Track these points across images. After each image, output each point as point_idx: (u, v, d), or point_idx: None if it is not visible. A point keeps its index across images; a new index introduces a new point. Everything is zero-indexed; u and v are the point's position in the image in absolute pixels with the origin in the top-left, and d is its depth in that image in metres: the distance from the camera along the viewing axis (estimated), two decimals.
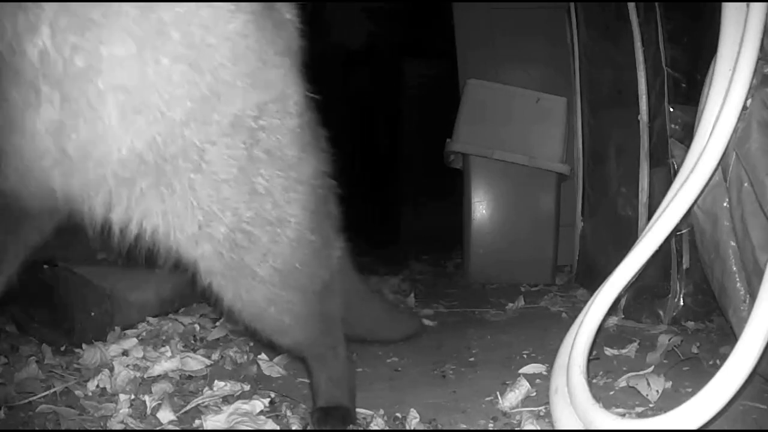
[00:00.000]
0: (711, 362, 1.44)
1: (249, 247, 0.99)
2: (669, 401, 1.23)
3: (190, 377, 1.46)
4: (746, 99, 1.23)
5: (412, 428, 1.21)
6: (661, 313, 1.79)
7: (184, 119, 0.89)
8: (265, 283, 1.03)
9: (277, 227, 1.01)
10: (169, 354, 1.52)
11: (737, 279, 1.34)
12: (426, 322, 2.11)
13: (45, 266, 1.64)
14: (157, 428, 1.20)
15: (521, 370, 1.48)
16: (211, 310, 1.80)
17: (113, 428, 1.19)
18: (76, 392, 1.34)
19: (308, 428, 1.20)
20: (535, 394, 1.33)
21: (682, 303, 1.75)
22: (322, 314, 1.16)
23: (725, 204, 1.35)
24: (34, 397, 1.29)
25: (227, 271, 1.00)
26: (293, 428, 1.21)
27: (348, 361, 1.27)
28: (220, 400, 1.32)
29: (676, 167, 1.62)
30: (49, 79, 0.83)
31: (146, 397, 1.29)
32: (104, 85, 0.85)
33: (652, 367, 1.41)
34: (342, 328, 1.25)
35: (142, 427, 1.20)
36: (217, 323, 1.78)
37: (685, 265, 1.71)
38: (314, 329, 1.15)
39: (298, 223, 1.04)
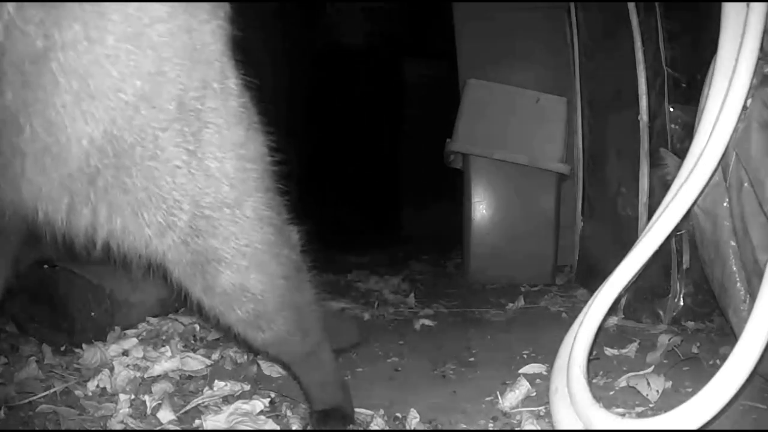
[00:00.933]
0: (711, 362, 1.44)
1: (211, 232, 0.99)
2: (669, 401, 1.23)
3: (190, 377, 1.46)
4: (746, 99, 1.23)
5: (412, 428, 1.21)
6: (661, 313, 1.79)
7: (134, 101, 0.89)
8: (231, 267, 1.02)
9: (236, 208, 1.01)
10: (169, 354, 1.52)
11: (737, 279, 1.34)
12: (426, 322, 2.11)
13: (45, 266, 1.64)
14: (157, 428, 1.20)
15: (521, 370, 1.48)
16: None
17: (113, 428, 1.19)
18: (76, 392, 1.34)
19: (308, 428, 1.20)
20: (535, 394, 1.33)
21: (682, 303, 1.75)
22: (295, 305, 1.13)
23: (725, 204, 1.35)
24: (34, 397, 1.29)
25: (193, 259, 1.00)
26: (293, 428, 1.21)
27: (333, 359, 1.26)
28: (220, 400, 1.32)
29: (669, 177, 1.61)
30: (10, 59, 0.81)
31: (146, 397, 1.29)
32: (58, 69, 0.84)
33: (652, 367, 1.41)
34: (322, 326, 1.22)
35: (142, 427, 1.20)
36: None
37: (685, 265, 1.71)
38: (289, 322, 1.12)
39: (255, 202, 1.03)
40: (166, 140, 0.93)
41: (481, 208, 2.94)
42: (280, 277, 1.08)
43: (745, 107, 1.23)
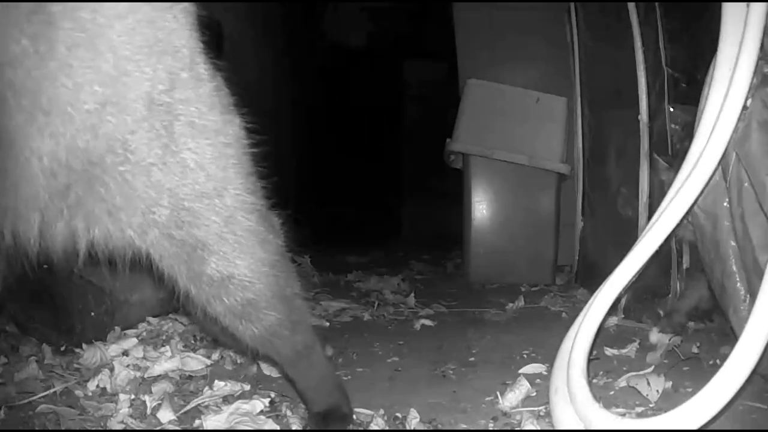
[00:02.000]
0: (711, 362, 1.44)
1: (194, 222, 0.98)
2: (669, 401, 1.23)
3: (190, 377, 1.46)
4: (746, 99, 1.23)
5: (412, 428, 1.21)
6: (661, 313, 1.79)
7: (97, 109, 0.86)
8: (217, 255, 1.00)
9: (217, 197, 0.99)
10: (169, 354, 1.52)
11: (737, 279, 1.34)
12: (426, 322, 2.11)
13: (45, 266, 1.64)
14: (157, 428, 1.20)
15: (521, 370, 1.48)
16: None
17: (113, 428, 1.19)
18: (76, 392, 1.34)
19: (308, 428, 1.20)
20: (535, 394, 1.33)
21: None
22: (283, 296, 1.10)
23: (725, 204, 1.35)
24: (34, 397, 1.29)
25: (178, 250, 0.98)
26: (293, 428, 1.21)
27: (327, 359, 1.24)
28: (220, 400, 1.32)
29: (665, 188, 1.62)
30: None
31: (146, 397, 1.29)
32: (4, 88, 0.81)
33: (652, 367, 1.41)
34: (311, 324, 1.20)
35: (142, 427, 1.20)
36: None
37: (685, 265, 1.71)
38: (279, 315, 1.09)
39: (236, 188, 1.02)
40: (136, 141, 0.91)
41: (481, 208, 2.94)
42: (266, 264, 1.06)
43: (745, 107, 1.23)
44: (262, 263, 1.05)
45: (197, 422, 1.21)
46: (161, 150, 0.93)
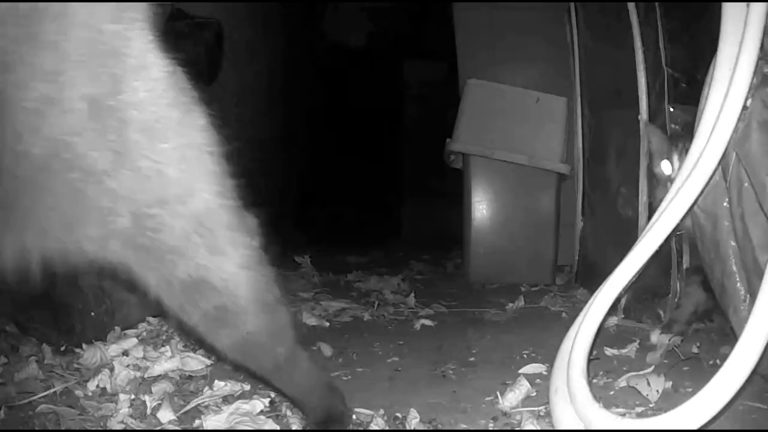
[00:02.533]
0: (711, 362, 1.44)
1: (159, 228, 0.91)
2: (669, 401, 1.23)
3: (190, 377, 1.46)
4: (746, 99, 1.23)
5: (412, 428, 1.21)
6: (661, 313, 1.79)
7: (35, 107, 0.80)
8: (187, 258, 0.94)
9: (180, 202, 0.93)
10: (169, 354, 1.52)
11: (737, 279, 1.34)
12: (426, 322, 2.11)
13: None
14: (157, 428, 1.20)
15: (521, 370, 1.48)
16: None
17: (113, 428, 1.19)
18: (76, 392, 1.34)
19: (308, 428, 1.20)
20: (535, 394, 1.33)
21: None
22: (262, 302, 1.03)
23: (725, 204, 1.35)
24: (34, 397, 1.29)
25: (145, 258, 0.92)
26: (293, 428, 1.21)
27: (312, 363, 1.17)
28: (220, 400, 1.32)
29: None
30: None
31: (146, 397, 1.29)
32: None
33: (652, 367, 1.41)
34: (294, 331, 1.12)
35: (142, 427, 1.20)
36: None
37: (685, 265, 1.71)
38: (257, 321, 1.02)
39: (203, 189, 0.95)
40: (83, 146, 0.84)
41: (481, 208, 2.94)
42: (241, 266, 1.00)
43: (745, 107, 1.23)
44: (237, 266, 0.99)
45: (197, 422, 1.21)
46: (114, 157, 0.86)
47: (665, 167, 1.65)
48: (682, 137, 1.63)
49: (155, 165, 0.90)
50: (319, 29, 6.51)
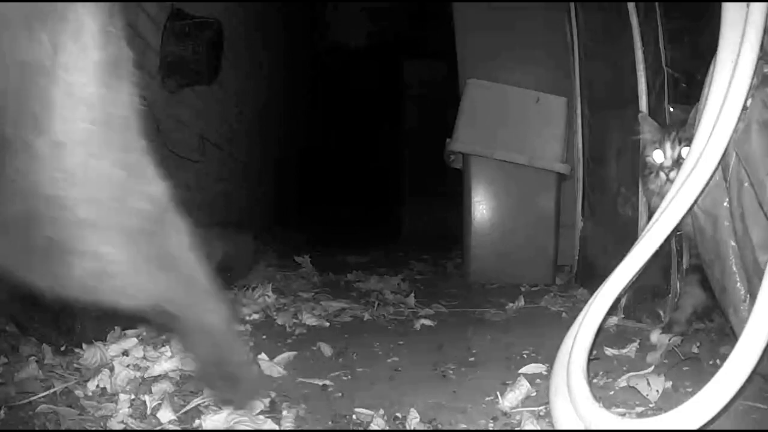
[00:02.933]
0: (711, 362, 1.44)
1: (57, 217, 0.82)
2: (669, 401, 1.23)
3: (190, 377, 1.46)
4: (746, 99, 1.23)
5: (412, 428, 1.21)
6: (661, 313, 1.79)
7: None
8: (86, 255, 0.84)
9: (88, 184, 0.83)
10: (169, 354, 1.52)
11: (737, 279, 1.34)
12: (426, 322, 2.11)
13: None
14: (157, 428, 1.20)
15: (521, 370, 1.48)
16: None
17: (113, 428, 1.19)
18: (76, 392, 1.34)
19: (303, 428, 1.20)
20: (535, 394, 1.33)
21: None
22: (163, 256, 0.94)
23: (725, 204, 1.35)
24: (34, 397, 1.28)
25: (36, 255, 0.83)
26: (292, 428, 1.21)
27: (229, 322, 1.08)
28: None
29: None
30: None
31: (146, 397, 1.29)
32: None
33: (652, 367, 1.41)
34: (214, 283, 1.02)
35: (142, 427, 1.20)
36: None
37: (685, 264, 1.71)
38: (160, 279, 0.93)
39: (113, 162, 0.86)
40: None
41: (481, 208, 2.95)
42: (129, 230, 0.89)
43: (745, 107, 1.23)
44: (123, 230, 0.89)
45: (197, 422, 1.21)
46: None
47: (657, 156, 1.64)
48: (674, 127, 1.63)
49: (75, 138, 0.82)
50: (319, 29, 6.51)
